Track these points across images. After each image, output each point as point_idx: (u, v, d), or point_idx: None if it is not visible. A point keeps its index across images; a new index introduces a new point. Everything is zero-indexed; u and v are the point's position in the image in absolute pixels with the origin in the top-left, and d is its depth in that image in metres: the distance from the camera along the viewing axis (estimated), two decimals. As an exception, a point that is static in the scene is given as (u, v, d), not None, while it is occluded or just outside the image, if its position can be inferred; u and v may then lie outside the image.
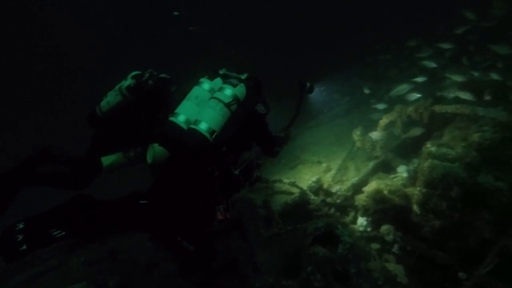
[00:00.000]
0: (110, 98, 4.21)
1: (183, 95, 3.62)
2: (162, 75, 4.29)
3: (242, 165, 3.64)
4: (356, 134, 7.06)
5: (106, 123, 4.33)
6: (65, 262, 5.42)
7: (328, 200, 6.02)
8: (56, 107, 17.22)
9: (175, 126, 3.34)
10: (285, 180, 6.45)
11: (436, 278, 4.67)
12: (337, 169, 6.91)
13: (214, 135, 3.28)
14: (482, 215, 4.23)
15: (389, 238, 4.95)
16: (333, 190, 6.18)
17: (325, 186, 6.30)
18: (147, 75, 4.19)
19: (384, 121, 6.81)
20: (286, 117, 4.33)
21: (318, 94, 4.61)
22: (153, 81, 4.15)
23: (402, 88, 7.33)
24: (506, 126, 4.86)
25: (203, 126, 3.27)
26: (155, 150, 3.29)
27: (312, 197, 5.91)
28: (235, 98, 3.44)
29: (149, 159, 3.36)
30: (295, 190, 6.17)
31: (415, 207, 4.75)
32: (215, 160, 3.39)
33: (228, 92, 3.44)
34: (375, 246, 5.21)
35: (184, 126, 3.33)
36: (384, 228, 4.98)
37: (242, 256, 4.58)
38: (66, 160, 4.53)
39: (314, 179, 6.37)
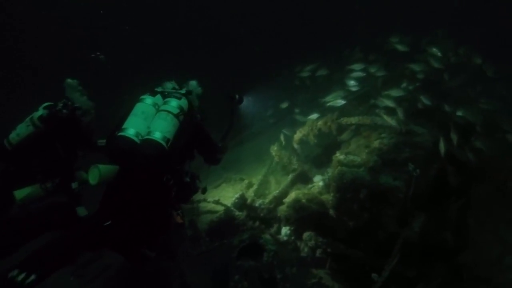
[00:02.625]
0: (21, 130, 4.08)
1: (123, 115, 3.61)
2: (76, 105, 4.26)
3: (188, 174, 3.80)
4: (274, 149, 7.47)
5: (16, 156, 4.16)
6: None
7: (252, 214, 6.26)
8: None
9: (127, 139, 3.36)
10: (210, 199, 6.58)
11: (356, 275, 5.09)
12: (259, 184, 7.21)
13: (169, 143, 3.41)
14: (386, 211, 4.77)
15: (311, 243, 5.29)
16: (256, 204, 6.44)
17: (248, 201, 6.55)
18: (61, 105, 4.14)
19: (298, 135, 7.30)
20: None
21: (249, 105, 4.86)
22: (68, 111, 4.11)
23: (336, 95, 7.46)
24: (399, 132, 5.56)
25: (157, 135, 3.37)
26: (100, 169, 3.27)
27: (237, 213, 6.11)
28: (181, 109, 3.62)
29: (93, 180, 3.29)
30: (220, 208, 6.32)
31: (331, 212, 5.19)
32: (170, 168, 3.52)
33: (174, 103, 3.61)
34: (299, 252, 5.51)
35: (135, 139, 3.37)
36: (306, 234, 5.32)
37: (172, 276, 4.60)
38: None
39: (237, 195, 6.58)
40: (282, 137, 7.95)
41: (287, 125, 8.58)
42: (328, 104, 7.16)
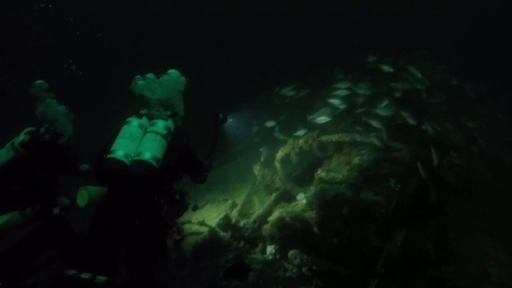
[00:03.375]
0: (1, 156, 4.03)
1: (110, 138, 3.65)
2: (59, 131, 4.26)
3: (177, 192, 3.85)
4: (257, 169, 7.53)
5: None
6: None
7: (237, 234, 6.26)
8: None
9: (117, 161, 3.38)
10: (194, 221, 6.57)
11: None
12: (242, 204, 7.23)
13: (159, 163, 3.45)
14: (368, 226, 4.86)
15: (296, 261, 5.32)
16: (241, 224, 6.45)
17: (233, 221, 6.55)
18: (43, 130, 4.13)
19: (280, 154, 7.39)
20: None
21: (233, 124, 4.95)
22: (50, 135, 4.10)
23: (323, 112, 7.52)
24: (378, 149, 5.71)
25: (147, 156, 3.41)
26: (89, 191, 3.28)
27: (222, 233, 6.11)
28: (169, 130, 3.69)
29: (81, 203, 3.30)
30: (205, 229, 6.32)
31: (315, 229, 5.24)
32: (160, 188, 3.57)
33: (162, 124, 3.68)
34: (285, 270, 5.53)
35: (125, 160, 3.39)
36: (291, 252, 5.35)
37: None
38: None
39: (221, 216, 6.58)
40: (262, 156, 8.06)
41: (269, 144, 8.72)
42: (314, 120, 7.30)
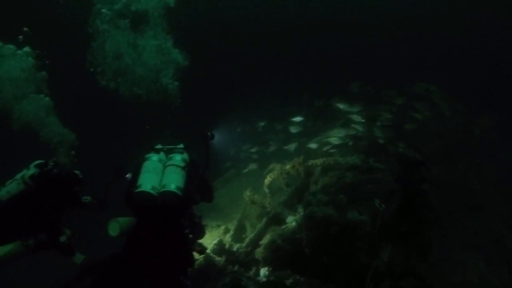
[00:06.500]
0: (11, 188, 4.20)
1: (133, 173, 4.08)
2: (67, 167, 4.48)
3: (197, 216, 4.30)
4: (247, 194, 7.80)
5: (4, 213, 4.25)
6: None
7: (231, 258, 6.47)
8: None
9: (145, 193, 3.80)
10: (189, 248, 6.74)
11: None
12: (235, 229, 7.47)
13: (183, 192, 3.89)
14: (356, 244, 5.16)
15: (289, 282, 5.55)
16: (234, 248, 6.68)
17: (226, 246, 6.77)
18: (52, 164, 4.34)
19: (268, 179, 7.69)
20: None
21: (220, 140, 5.25)
22: (58, 170, 4.32)
23: (337, 132, 7.89)
24: (360, 170, 6.07)
25: (172, 186, 3.85)
26: (120, 222, 3.73)
27: (216, 258, 6.32)
28: (186, 162, 4.15)
29: (113, 233, 3.73)
30: (200, 255, 6.49)
31: (305, 249, 5.51)
32: (184, 213, 4.03)
33: (179, 158, 4.14)
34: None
35: (153, 192, 3.82)
36: (283, 273, 5.58)
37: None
38: None
39: (215, 241, 6.80)
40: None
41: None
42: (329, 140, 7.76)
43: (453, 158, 8.09)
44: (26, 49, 5.19)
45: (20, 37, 5.57)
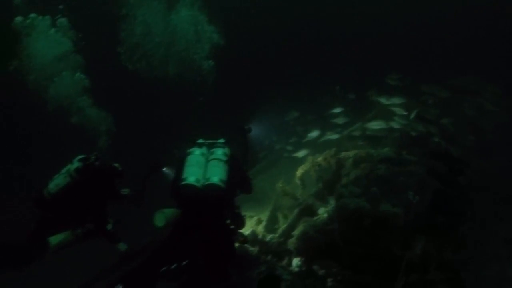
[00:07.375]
0: (59, 181, 4.54)
1: (177, 168, 4.35)
2: (107, 157, 4.76)
3: (238, 207, 4.54)
4: (279, 186, 7.91)
5: (54, 205, 4.58)
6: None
7: (264, 248, 6.62)
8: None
9: (191, 186, 4.06)
10: (223, 238, 6.94)
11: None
12: (267, 220, 7.60)
13: (225, 184, 4.12)
14: (388, 237, 5.18)
15: (322, 272, 5.64)
16: (267, 239, 6.82)
17: (259, 237, 6.92)
18: (93, 157, 4.64)
19: (300, 171, 7.77)
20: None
21: (256, 133, 5.37)
22: (100, 162, 4.60)
23: (379, 123, 7.93)
24: (393, 162, 6.05)
25: (215, 179, 4.09)
26: (166, 213, 3.95)
27: (250, 248, 6.48)
28: (227, 156, 4.38)
29: (160, 223, 3.95)
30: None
31: (338, 241, 5.57)
32: (226, 204, 4.27)
33: (221, 152, 4.37)
34: (310, 281, 5.84)
35: (197, 185, 4.07)
36: (316, 264, 5.68)
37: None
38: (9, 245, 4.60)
39: (249, 232, 6.96)
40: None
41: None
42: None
43: (494, 152, 7.89)
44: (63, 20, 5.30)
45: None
